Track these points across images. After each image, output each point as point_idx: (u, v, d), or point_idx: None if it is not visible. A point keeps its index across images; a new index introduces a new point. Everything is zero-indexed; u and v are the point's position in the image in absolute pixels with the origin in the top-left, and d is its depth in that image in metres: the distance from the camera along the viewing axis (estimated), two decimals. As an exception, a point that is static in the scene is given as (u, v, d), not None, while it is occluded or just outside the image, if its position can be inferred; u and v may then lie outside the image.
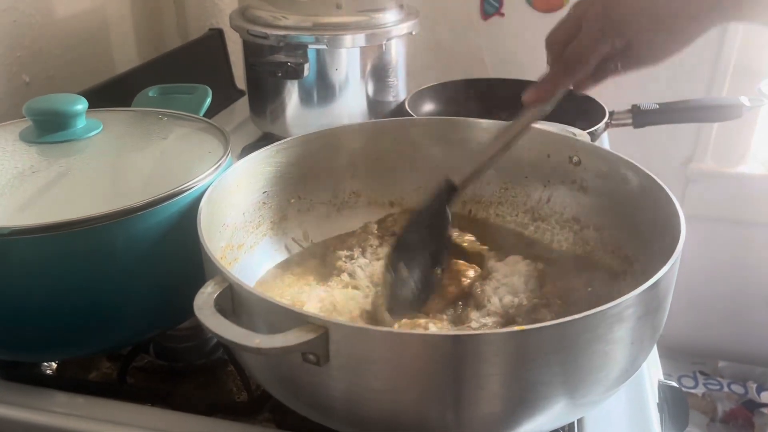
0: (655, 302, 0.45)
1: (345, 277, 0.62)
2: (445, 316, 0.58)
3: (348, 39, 0.93)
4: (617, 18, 0.52)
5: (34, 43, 0.96)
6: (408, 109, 1.01)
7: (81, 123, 0.63)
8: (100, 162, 0.61)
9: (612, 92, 0.58)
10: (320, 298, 0.59)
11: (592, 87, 0.58)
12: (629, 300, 0.42)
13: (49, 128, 0.62)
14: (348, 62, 0.96)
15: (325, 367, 0.41)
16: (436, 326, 0.54)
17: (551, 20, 1.09)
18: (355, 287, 0.61)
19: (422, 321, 0.55)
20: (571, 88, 0.57)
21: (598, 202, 0.65)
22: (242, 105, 1.18)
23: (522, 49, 1.28)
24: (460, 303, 0.59)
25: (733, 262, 1.49)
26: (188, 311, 0.43)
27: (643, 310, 0.44)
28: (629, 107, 0.98)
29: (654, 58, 0.54)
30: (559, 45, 0.56)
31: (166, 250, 0.55)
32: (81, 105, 0.63)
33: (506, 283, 0.60)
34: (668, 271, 0.45)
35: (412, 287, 0.60)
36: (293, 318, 0.41)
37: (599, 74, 0.56)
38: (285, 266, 0.67)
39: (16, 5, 0.93)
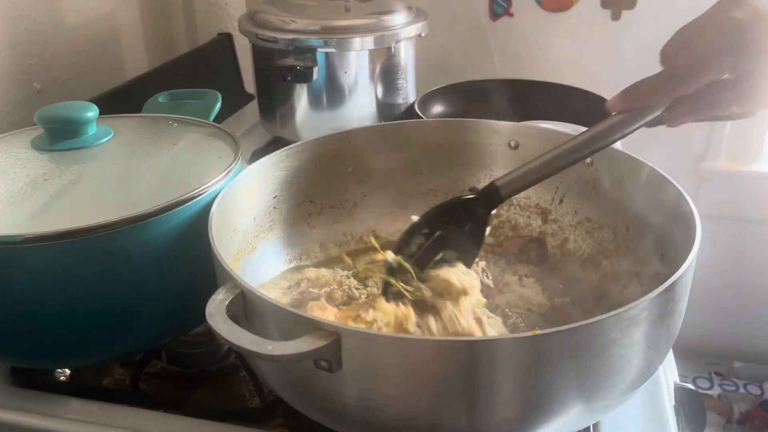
0: (671, 305, 0.45)
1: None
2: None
3: (357, 42, 0.93)
4: (754, 34, 0.41)
5: (45, 51, 0.97)
6: (418, 111, 1.01)
7: (92, 130, 0.64)
8: (112, 169, 0.61)
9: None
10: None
11: (688, 119, 0.47)
12: (644, 303, 0.41)
13: (60, 135, 0.62)
14: (357, 65, 0.95)
15: (338, 374, 0.41)
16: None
17: (560, 20, 1.09)
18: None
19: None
20: (664, 114, 0.47)
21: (611, 203, 0.64)
22: (252, 109, 1.18)
23: (531, 50, 1.27)
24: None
25: (748, 262, 1.47)
26: (201, 317, 0.43)
27: (659, 313, 0.43)
28: (641, 106, 0.97)
29: None
30: (671, 53, 0.46)
31: (177, 256, 0.55)
32: (92, 112, 0.63)
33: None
34: (683, 274, 0.44)
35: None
36: (305, 324, 0.41)
37: (704, 103, 0.45)
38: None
39: (27, 14, 0.93)
